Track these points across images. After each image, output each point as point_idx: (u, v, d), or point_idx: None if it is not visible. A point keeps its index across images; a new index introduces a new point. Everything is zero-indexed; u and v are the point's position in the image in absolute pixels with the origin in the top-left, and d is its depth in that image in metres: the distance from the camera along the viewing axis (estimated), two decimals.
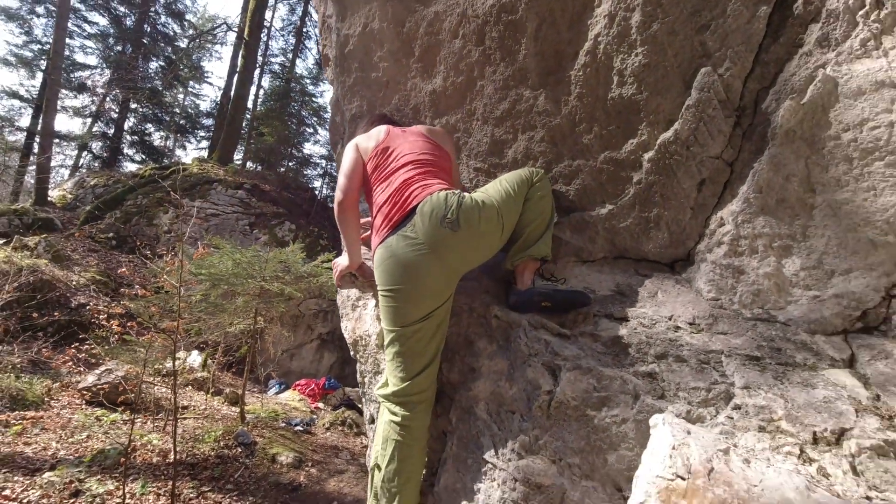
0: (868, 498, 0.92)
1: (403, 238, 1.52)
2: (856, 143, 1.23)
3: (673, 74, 1.51)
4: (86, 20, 16.32)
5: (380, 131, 1.84)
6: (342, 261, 1.86)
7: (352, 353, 1.92)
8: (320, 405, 6.59)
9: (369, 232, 1.82)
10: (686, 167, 1.52)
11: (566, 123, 1.73)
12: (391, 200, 1.62)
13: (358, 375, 1.91)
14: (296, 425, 5.36)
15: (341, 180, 1.82)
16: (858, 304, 1.26)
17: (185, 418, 4.97)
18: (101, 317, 4.74)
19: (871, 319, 1.25)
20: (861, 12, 1.20)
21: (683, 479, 0.96)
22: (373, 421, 1.86)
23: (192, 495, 3.74)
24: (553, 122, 1.76)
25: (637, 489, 1.03)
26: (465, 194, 1.59)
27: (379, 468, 1.53)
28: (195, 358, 6.66)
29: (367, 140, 1.83)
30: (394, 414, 1.54)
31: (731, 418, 1.15)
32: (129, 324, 4.01)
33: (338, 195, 1.79)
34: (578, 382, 1.32)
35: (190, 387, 6.11)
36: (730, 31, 1.38)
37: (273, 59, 21.16)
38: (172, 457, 3.55)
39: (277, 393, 6.96)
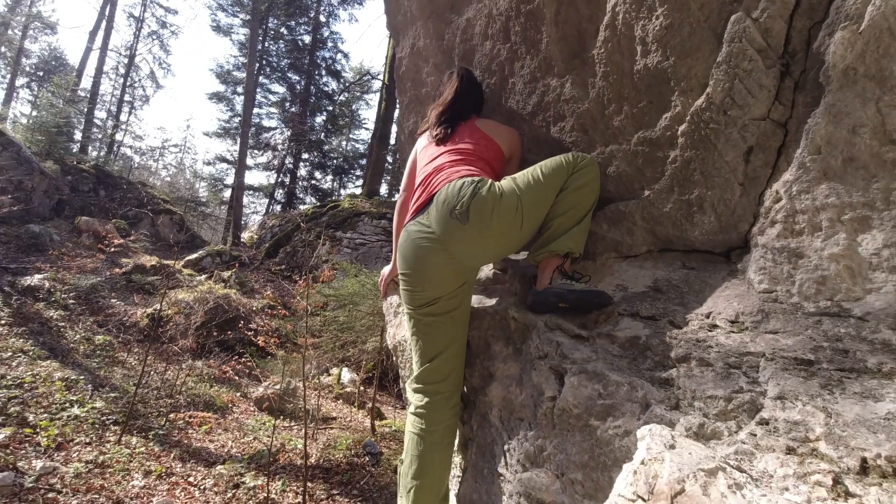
0: None
1: (419, 225, 1.54)
2: None
3: (702, 31, 1.29)
4: (270, 91, 19.97)
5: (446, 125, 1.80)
6: (386, 269, 1.93)
7: (393, 357, 1.96)
8: None
9: None
10: (726, 135, 1.26)
11: (595, 107, 1.58)
12: (420, 186, 1.65)
13: (400, 381, 1.94)
14: None
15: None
16: None
17: (331, 428, 5.55)
18: (249, 335, 5.59)
19: None
20: None
21: (644, 500, 0.79)
22: None
23: (322, 496, 4.12)
24: (581, 107, 1.62)
25: None
26: (488, 181, 1.48)
27: (402, 461, 1.53)
28: (345, 374, 7.39)
29: (429, 136, 1.82)
30: (412, 405, 1.54)
31: (754, 435, 0.90)
32: (272, 340, 4.65)
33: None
34: (582, 388, 1.16)
35: (340, 400, 6.80)
36: None
37: None
38: (304, 462, 3.98)
39: None
